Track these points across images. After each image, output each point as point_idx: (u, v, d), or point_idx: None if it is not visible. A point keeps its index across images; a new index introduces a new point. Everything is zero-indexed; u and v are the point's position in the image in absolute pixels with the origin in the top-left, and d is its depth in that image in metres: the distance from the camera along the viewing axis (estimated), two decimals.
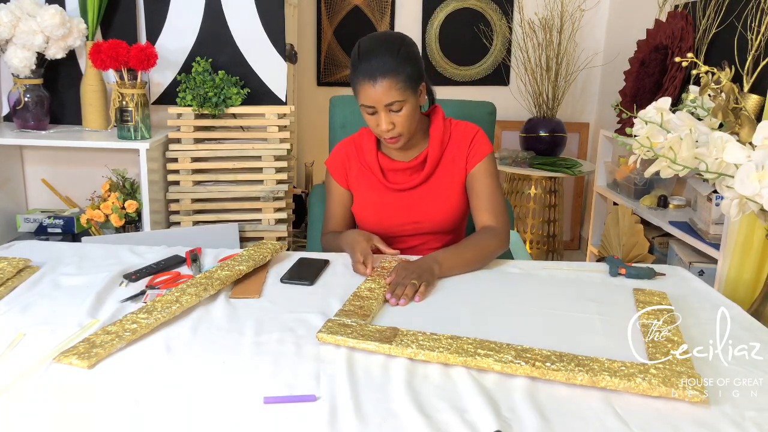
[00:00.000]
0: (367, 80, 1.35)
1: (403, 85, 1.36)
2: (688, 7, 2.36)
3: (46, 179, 2.50)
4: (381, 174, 1.52)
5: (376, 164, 1.52)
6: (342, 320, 1.06)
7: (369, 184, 1.54)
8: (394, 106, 1.37)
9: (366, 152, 1.53)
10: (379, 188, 1.53)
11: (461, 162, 1.51)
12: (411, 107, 1.39)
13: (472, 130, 1.52)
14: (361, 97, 1.39)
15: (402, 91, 1.36)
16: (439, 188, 1.51)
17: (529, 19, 3.21)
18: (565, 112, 3.41)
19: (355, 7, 3.29)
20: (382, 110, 1.37)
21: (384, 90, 1.35)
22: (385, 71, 1.34)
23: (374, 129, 1.42)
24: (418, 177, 1.50)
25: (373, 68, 1.35)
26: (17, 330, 1.04)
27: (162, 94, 2.43)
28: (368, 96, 1.36)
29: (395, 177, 1.53)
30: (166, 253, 1.42)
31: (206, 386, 0.89)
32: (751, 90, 1.90)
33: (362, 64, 1.37)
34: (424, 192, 1.51)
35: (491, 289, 1.25)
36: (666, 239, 2.32)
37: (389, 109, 1.37)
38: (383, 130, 1.39)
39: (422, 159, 1.50)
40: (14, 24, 2.13)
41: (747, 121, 1.24)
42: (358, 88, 1.39)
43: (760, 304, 1.35)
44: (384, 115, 1.38)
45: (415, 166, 1.50)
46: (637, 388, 0.88)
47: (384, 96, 1.35)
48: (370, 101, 1.37)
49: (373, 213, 1.53)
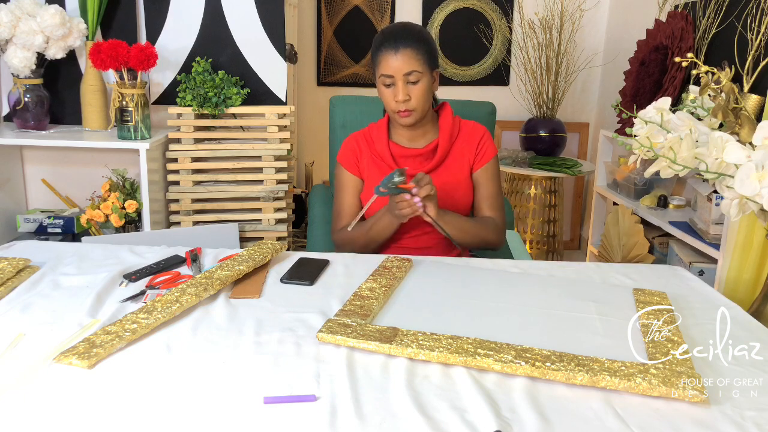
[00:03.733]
0: (390, 50, 1.44)
1: (423, 58, 1.45)
2: (688, 7, 2.36)
3: (46, 179, 2.50)
4: (392, 161, 1.56)
5: (387, 152, 1.56)
6: (342, 320, 1.06)
7: (380, 172, 1.57)
8: (412, 77, 1.44)
9: (377, 141, 1.58)
10: None
11: (469, 158, 1.58)
12: (426, 84, 1.47)
13: (480, 130, 1.61)
14: (381, 67, 1.45)
15: (421, 63, 1.44)
16: (448, 178, 1.56)
17: (529, 19, 3.21)
18: (565, 112, 3.41)
19: (355, 7, 3.29)
20: (400, 80, 1.44)
21: (405, 59, 1.43)
22: (407, 42, 1.44)
23: (390, 102, 1.48)
24: (428, 164, 1.56)
25: (397, 40, 1.44)
26: (17, 330, 1.04)
27: (162, 94, 2.43)
28: (389, 65, 1.44)
29: (406, 163, 1.57)
30: (166, 253, 1.42)
31: (206, 386, 0.89)
32: (751, 90, 1.90)
33: (387, 40, 1.45)
34: (433, 179, 1.53)
35: (491, 289, 1.25)
36: (666, 239, 2.33)
37: (407, 80, 1.44)
38: (399, 101, 1.45)
39: (433, 147, 1.56)
40: (14, 24, 2.13)
41: (747, 121, 1.24)
42: (381, 59, 1.46)
43: (760, 304, 1.35)
44: (401, 86, 1.45)
45: (426, 153, 1.56)
46: (637, 388, 0.88)
47: (404, 65, 1.43)
48: (391, 70, 1.44)
49: (383, 200, 1.55)
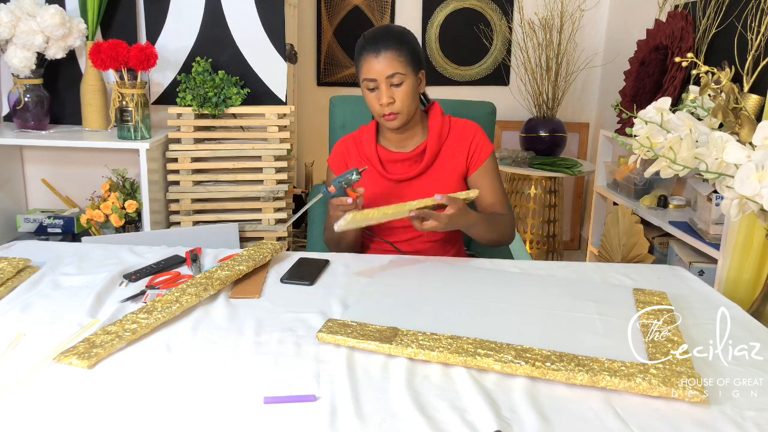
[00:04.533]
0: (371, 53, 1.43)
1: (405, 60, 1.43)
2: (688, 7, 2.36)
3: (46, 179, 2.50)
4: (380, 165, 1.55)
5: (375, 156, 1.55)
6: (342, 320, 1.06)
7: (368, 176, 1.56)
8: (395, 79, 1.43)
9: (365, 145, 1.57)
10: (378, 180, 1.55)
11: (461, 158, 1.55)
12: (410, 86, 1.45)
13: (471, 128, 1.57)
14: (364, 71, 1.44)
15: (403, 65, 1.43)
16: (438, 180, 1.54)
17: (529, 19, 3.21)
18: (565, 112, 3.41)
19: (355, 7, 3.29)
20: (383, 83, 1.43)
21: (387, 61, 1.41)
22: (388, 45, 1.42)
23: (374, 106, 1.46)
24: (417, 168, 1.53)
25: (378, 43, 1.43)
26: (17, 330, 1.04)
27: (162, 94, 2.42)
28: (371, 68, 1.42)
29: (394, 168, 1.55)
30: (166, 253, 1.42)
31: (206, 386, 0.89)
32: (751, 90, 1.90)
33: (368, 44, 1.44)
34: (422, 183, 1.54)
35: (491, 289, 1.25)
36: (666, 239, 2.33)
37: (390, 83, 1.43)
38: (383, 104, 1.44)
39: (421, 150, 1.54)
40: (14, 24, 2.13)
41: (747, 121, 1.24)
42: (362, 63, 1.44)
43: (760, 304, 1.35)
44: (385, 89, 1.43)
45: (414, 156, 1.54)
46: (637, 388, 0.88)
47: (386, 67, 1.41)
48: (373, 73, 1.42)
49: (372, 204, 1.54)
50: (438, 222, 1.32)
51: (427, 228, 1.33)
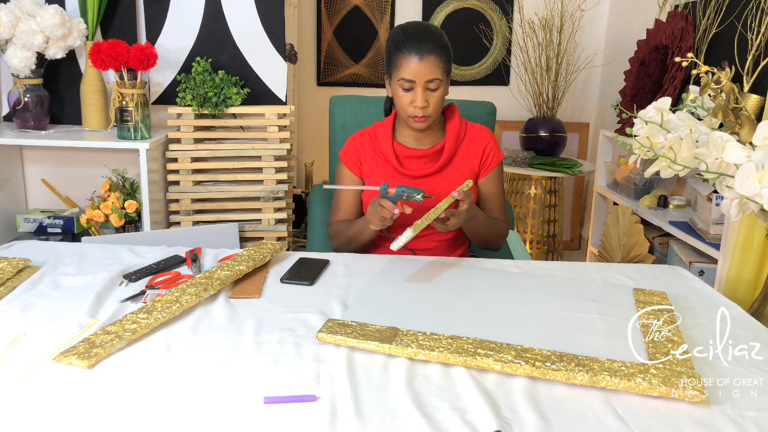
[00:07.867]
0: (414, 55, 1.41)
1: (444, 67, 1.44)
2: (688, 7, 2.36)
3: (46, 179, 2.50)
4: (396, 161, 1.55)
5: (391, 152, 1.55)
6: (342, 320, 1.06)
7: (382, 171, 1.56)
8: (433, 84, 1.44)
9: (381, 141, 1.57)
10: (394, 175, 1.56)
11: (475, 161, 1.58)
12: (443, 92, 1.47)
13: (486, 134, 1.61)
14: (403, 71, 1.43)
15: (442, 71, 1.44)
16: (452, 179, 1.55)
17: (529, 19, 3.21)
18: (565, 112, 3.41)
19: (355, 7, 3.29)
20: (421, 86, 1.43)
21: (430, 66, 1.41)
22: (432, 50, 1.42)
23: (406, 106, 1.46)
24: (433, 165, 1.55)
25: (422, 45, 1.42)
26: (17, 330, 1.04)
27: (162, 94, 2.42)
28: (412, 70, 1.42)
29: (411, 164, 1.56)
30: (166, 253, 1.42)
31: (206, 386, 0.89)
32: (751, 90, 1.90)
33: (410, 42, 1.43)
34: (437, 181, 1.55)
35: (491, 289, 1.25)
36: (666, 239, 2.33)
37: (427, 87, 1.44)
38: (418, 106, 1.44)
39: (438, 149, 1.55)
40: (14, 24, 2.13)
41: (747, 121, 1.24)
42: (402, 62, 1.43)
43: (760, 304, 1.35)
44: (421, 92, 1.43)
45: (431, 154, 1.56)
46: (637, 388, 0.88)
47: (428, 72, 1.42)
48: (413, 75, 1.42)
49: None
50: (459, 218, 1.36)
51: (452, 226, 1.37)
